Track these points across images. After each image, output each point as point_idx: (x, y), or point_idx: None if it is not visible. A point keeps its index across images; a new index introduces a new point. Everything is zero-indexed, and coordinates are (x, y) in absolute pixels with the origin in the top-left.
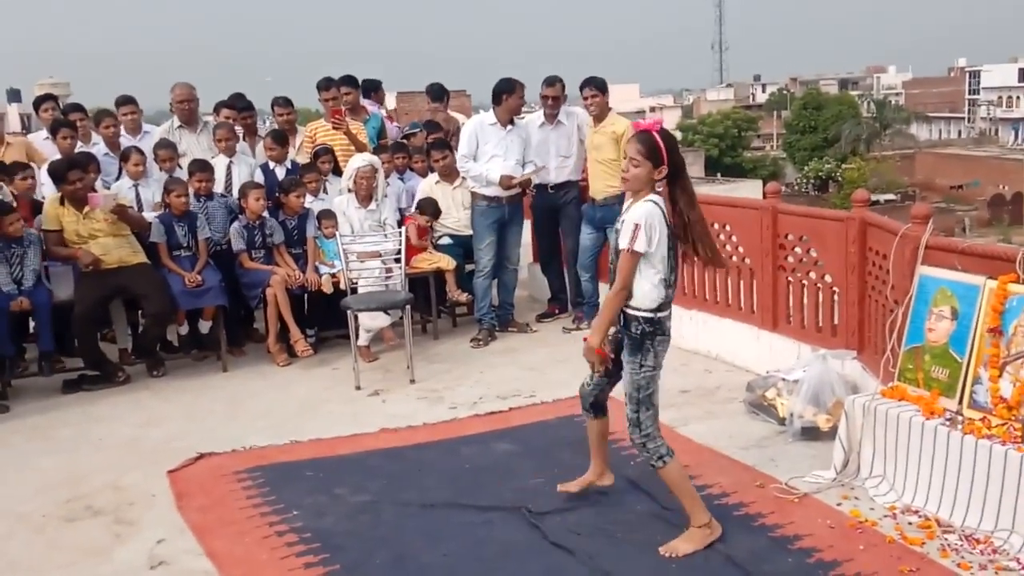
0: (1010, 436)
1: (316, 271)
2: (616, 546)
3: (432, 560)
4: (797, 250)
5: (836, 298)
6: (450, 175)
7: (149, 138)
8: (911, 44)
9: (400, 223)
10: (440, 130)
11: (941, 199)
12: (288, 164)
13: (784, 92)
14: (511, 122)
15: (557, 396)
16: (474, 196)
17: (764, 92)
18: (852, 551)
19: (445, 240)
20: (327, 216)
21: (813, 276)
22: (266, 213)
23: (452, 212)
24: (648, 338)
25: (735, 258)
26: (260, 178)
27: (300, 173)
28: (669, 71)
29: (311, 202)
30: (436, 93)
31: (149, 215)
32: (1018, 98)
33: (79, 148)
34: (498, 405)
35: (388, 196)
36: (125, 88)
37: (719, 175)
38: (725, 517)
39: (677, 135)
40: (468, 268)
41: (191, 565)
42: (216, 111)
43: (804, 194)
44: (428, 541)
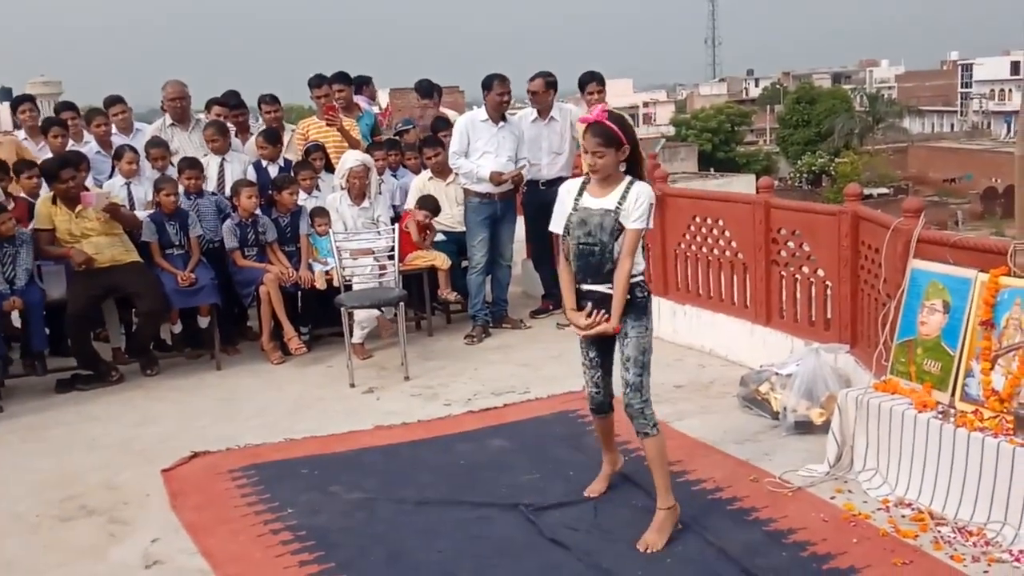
0: (1002, 428)
1: (309, 268)
2: (612, 542)
3: (427, 557)
4: (790, 244)
5: (829, 292)
6: (443, 172)
7: (141, 136)
8: (904, 37)
9: (394, 220)
10: (448, 127)
11: (934, 192)
12: (281, 162)
13: (777, 86)
14: (503, 118)
15: (551, 392)
16: (467, 193)
17: (757, 87)
18: (846, 544)
19: (438, 237)
20: (320, 213)
21: (806, 270)
22: (259, 211)
23: (445, 209)
24: (648, 300)
25: (728, 253)
26: (253, 176)
27: (294, 170)
28: (662, 66)
29: (304, 199)
30: (425, 89)
31: (141, 214)
32: (1010, 91)
33: (70, 146)
34: (492, 401)
35: (382, 193)
36: (118, 86)
37: (712, 170)
38: (719, 511)
39: (670, 131)
40: (462, 264)
41: (186, 564)
42: (207, 108)
43: (797, 188)
44: (423, 538)
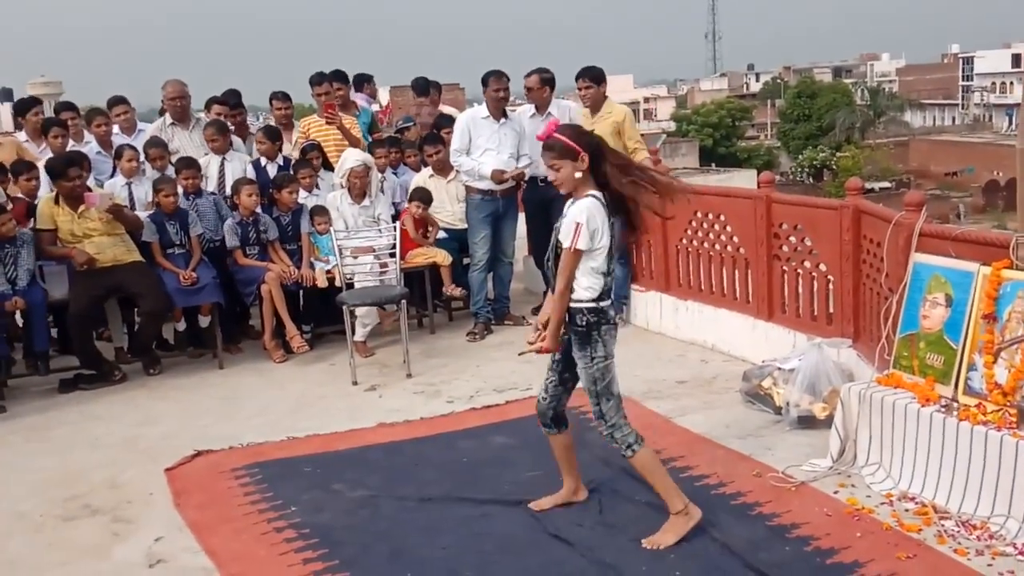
0: (1005, 422)
1: (311, 267)
2: (615, 537)
3: (431, 554)
4: (792, 239)
5: (831, 287)
6: (444, 169)
7: (144, 136)
8: (904, 31)
9: (395, 218)
10: (450, 124)
11: (936, 186)
12: (280, 160)
13: (778, 81)
14: (504, 115)
15: None
16: (468, 190)
17: (758, 81)
18: (849, 538)
19: (440, 234)
20: (320, 212)
21: (808, 265)
22: (259, 209)
23: (446, 206)
24: (594, 328)
25: (729, 248)
26: (252, 175)
27: (293, 169)
28: (663, 61)
29: (305, 198)
30: (421, 87)
31: (142, 214)
32: (1012, 84)
33: (71, 147)
34: (495, 398)
35: (383, 192)
36: (118, 87)
37: (713, 165)
38: (722, 506)
39: (671, 126)
40: (464, 262)
41: (189, 563)
42: (207, 108)
43: (799, 183)
44: (427, 535)
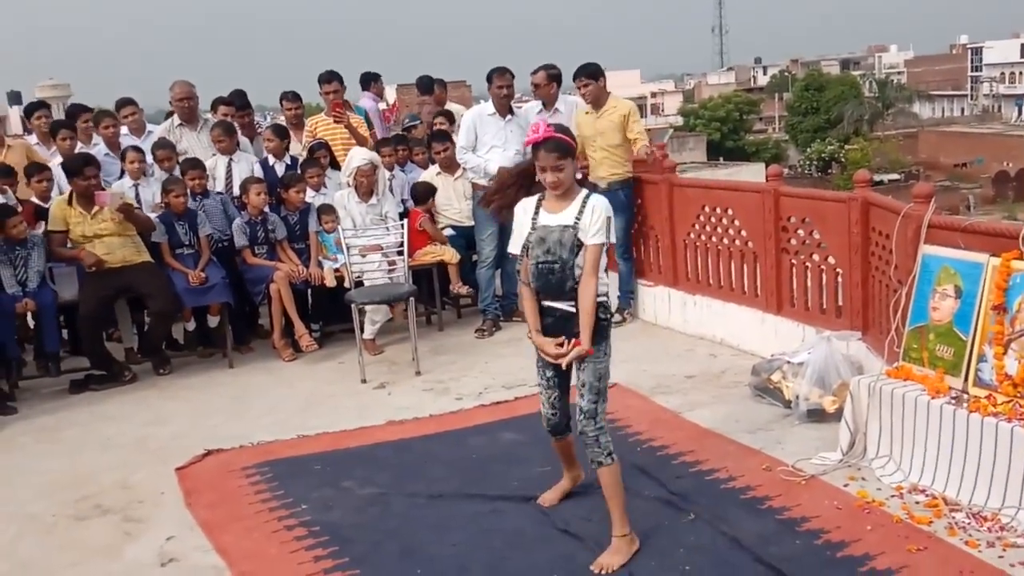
0: (1016, 413)
1: (319, 266)
2: None
3: (441, 551)
4: (800, 232)
5: (840, 280)
6: (451, 166)
7: (153, 137)
8: (912, 22)
9: (403, 215)
10: (447, 115)
11: (945, 177)
12: (287, 159)
13: (785, 74)
14: (510, 111)
15: None
16: (475, 187)
17: (765, 75)
18: (860, 531)
19: (448, 231)
20: (327, 211)
21: (816, 258)
22: (267, 209)
23: (454, 203)
24: (605, 323)
25: (738, 242)
26: (260, 174)
27: (301, 168)
28: (669, 56)
29: (312, 197)
30: (425, 86)
31: (150, 215)
32: (1021, 74)
33: (79, 149)
34: (504, 395)
35: (392, 190)
36: (126, 88)
37: (721, 159)
38: (732, 500)
39: (679, 121)
40: (472, 259)
41: (201, 561)
42: (214, 108)
43: (807, 176)
44: (437, 532)
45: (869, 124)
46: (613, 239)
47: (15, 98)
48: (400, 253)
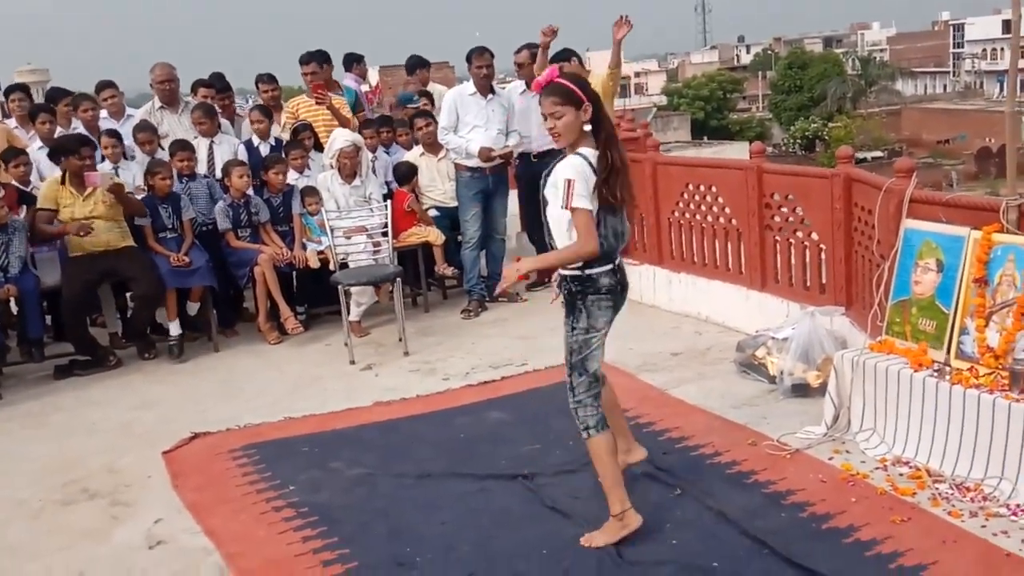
0: (997, 384)
1: (303, 248)
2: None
3: (429, 530)
4: (783, 209)
5: (823, 255)
6: (434, 146)
7: (132, 121)
8: None
9: (387, 197)
10: (432, 103)
11: (928, 154)
12: (272, 141)
13: (769, 52)
14: (491, 91)
15: (549, 364)
16: (457, 167)
17: (748, 53)
18: (844, 504)
19: (432, 212)
20: (310, 193)
21: (800, 234)
22: (251, 191)
23: (438, 184)
24: (578, 297)
25: (722, 219)
26: (244, 155)
27: (285, 150)
28: (652, 35)
29: (296, 179)
30: (411, 66)
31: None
32: (1002, 50)
33: (58, 133)
34: (490, 375)
35: (375, 171)
36: (106, 72)
37: (705, 138)
38: (718, 475)
39: (662, 100)
40: (457, 239)
41: (189, 543)
42: (194, 91)
43: (791, 154)
44: (425, 511)
45: (852, 102)
46: (582, 204)
47: None
48: (384, 234)
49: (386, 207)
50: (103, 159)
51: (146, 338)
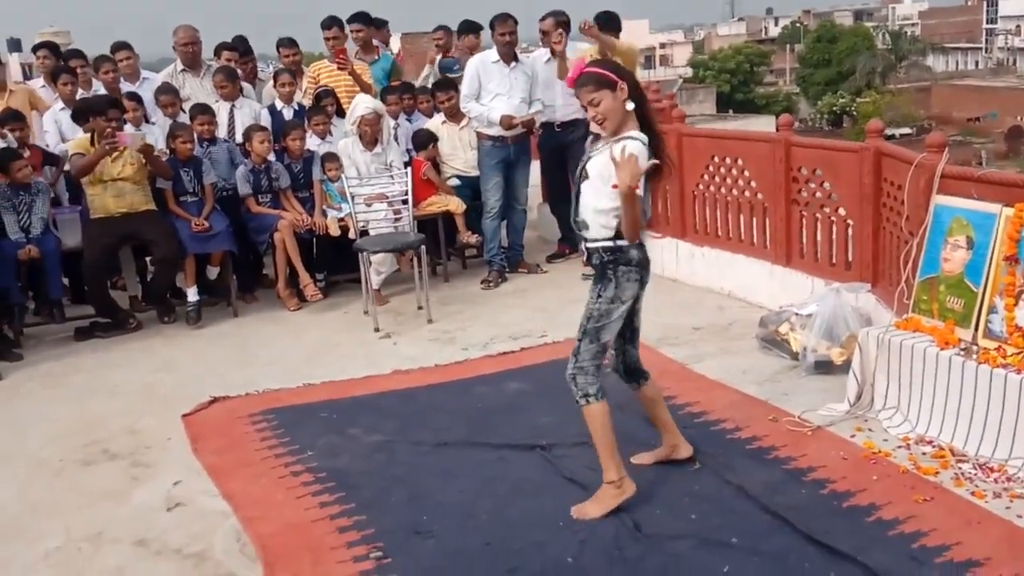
0: None
1: (323, 215)
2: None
3: (447, 498)
4: (811, 184)
5: (850, 231)
6: (456, 116)
7: (148, 84)
8: None
9: (407, 164)
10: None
11: (958, 132)
12: (295, 106)
13: (797, 25)
14: (515, 58)
15: (568, 336)
16: (479, 136)
17: (777, 25)
18: (866, 481)
19: (453, 181)
20: (330, 159)
21: (827, 209)
22: (272, 157)
23: (459, 153)
24: (610, 267)
25: (747, 193)
26: (267, 120)
27: (307, 115)
28: (679, 6)
29: (318, 145)
30: (462, 31)
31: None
32: None
33: (79, 95)
34: (509, 345)
35: (397, 138)
36: (127, 35)
37: (731, 111)
38: (738, 450)
39: (688, 72)
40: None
41: (208, 505)
42: (217, 54)
43: (818, 130)
44: (442, 479)
45: (882, 77)
46: (641, 191)
47: (15, 45)
48: (405, 202)
49: (406, 175)
50: (125, 123)
51: (166, 302)
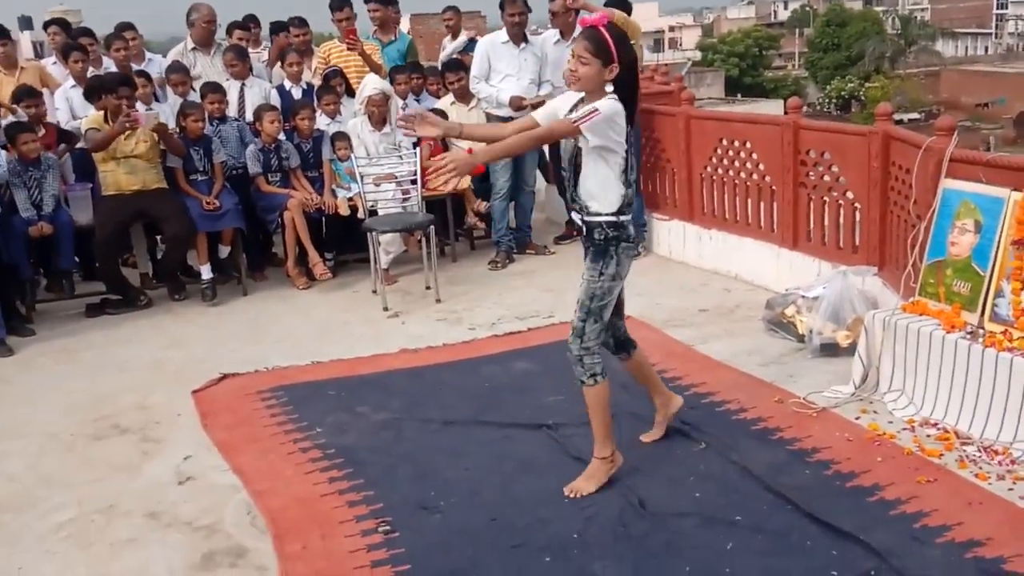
0: None
1: (333, 194)
2: (634, 459)
3: (454, 475)
4: (818, 167)
5: (857, 215)
6: (465, 96)
7: (153, 65)
8: None
9: (415, 145)
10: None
11: (966, 117)
12: (304, 85)
13: (807, 9)
14: (525, 39)
15: None
16: (488, 117)
17: (786, 9)
18: (870, 463)
19: None
20: (340, 138)
21: (835, 193)
22: (282, 136)
23: None
24: (612, 243)
25: (755, 176)
26: (276, 100)
27: (317, 95)
28: None
29: (328, 124)
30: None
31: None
32: None
33: (90, 73)
34: (517, 326)
35: None
36: (137, 13)
37: (739, 95)
38: (743, 431)
39: (696, 55)
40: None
41: (217, 480)
42: (229, 33)
43: (826, 114)
44: (449, 456)
45: (891, 62)
46: (589, 135)
47: (26, 23)
48: (414, 183)
49: (415, 155)
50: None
51: (176, 279)
